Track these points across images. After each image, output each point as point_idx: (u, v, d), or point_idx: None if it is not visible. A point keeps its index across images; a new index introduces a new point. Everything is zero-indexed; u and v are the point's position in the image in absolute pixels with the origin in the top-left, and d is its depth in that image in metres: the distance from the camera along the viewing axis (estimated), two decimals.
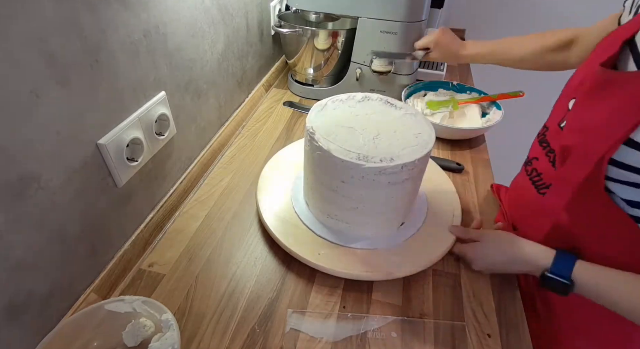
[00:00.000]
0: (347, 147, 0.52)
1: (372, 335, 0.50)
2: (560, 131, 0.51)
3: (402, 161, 0.50)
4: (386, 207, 0.56)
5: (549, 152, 0.53)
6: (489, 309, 0.54)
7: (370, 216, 0.57)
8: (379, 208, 0.56)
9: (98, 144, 0.48)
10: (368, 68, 0.92)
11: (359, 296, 0.55)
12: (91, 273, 0.52)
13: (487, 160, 0.82)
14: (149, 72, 0.56)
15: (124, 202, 0.56)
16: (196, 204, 0.69)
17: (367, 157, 0.50)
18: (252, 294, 0.55)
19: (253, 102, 0.95)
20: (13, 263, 0.40)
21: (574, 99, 0.50)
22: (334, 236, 0.59)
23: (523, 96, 0.87)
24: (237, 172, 0.76)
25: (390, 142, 0.53)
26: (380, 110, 0.60)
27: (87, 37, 0.43)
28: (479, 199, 0.72)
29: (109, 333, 0.47)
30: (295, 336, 0.50)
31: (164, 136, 0.60)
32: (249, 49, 0.89)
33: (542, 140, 0.55)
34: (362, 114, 0.59)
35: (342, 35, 0.90)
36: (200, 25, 0.67)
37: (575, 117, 0.48)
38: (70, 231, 0.47)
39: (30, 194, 0.40)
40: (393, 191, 0.53)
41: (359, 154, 0.51)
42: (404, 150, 0.52)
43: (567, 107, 0.51)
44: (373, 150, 0.52)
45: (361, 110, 0.60)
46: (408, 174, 0.52)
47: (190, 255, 0.60)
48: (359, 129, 0.55)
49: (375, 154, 0.51)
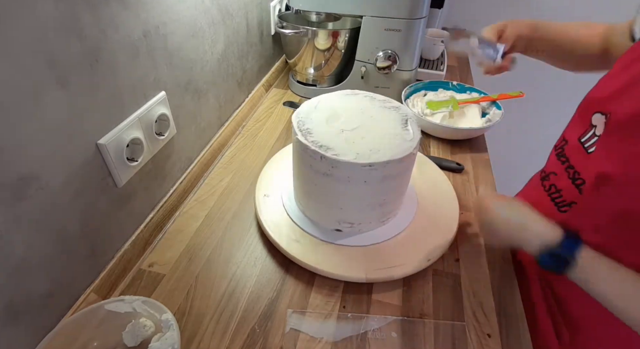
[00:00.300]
0: (326, 142, 0.53)
1: (372, 335, 0.50)
2: (585, 153, 0.49)
3: (380, 159, 0.51)
4: (370, 202, 0.57)
5: (568, 167, 0.51)
6: (489, 309, 0.54)
7: (354, 211, 0.58)
8: (359, 203, 0.56)
9: (98, 144, 0.48)
10: (372, 66, 0.93)
11: (359, 296, 0.55)
12: (91, 273, 0.52)
13: (487, 160, 0.82)
14: (149, 72, 0.56)
15: (124, 202, 0.56)
16: (196, 204, 0.69)
17: (346, 153, 0.51)
18: (252, 294, 0.55)
19: (253, 102, 0.95)
20: (13, 263, 0.40)
21: (598, 113, 0.48)
22: (328, 235, 0.60)
23: (523, 96, 0.87)
24: (237, 172, 0.76)
25: (373, 140, 0.54)
26: (379, 113, 0.60)
27: (87, 37, 0.43)
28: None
29: (109, 333, 0.47)
30: (295, 336, 0.50)
31: (164, 136, 0.60)
32: (249, 49, 0.89)
33: (561, 154, 0.54)
34: (352, 112, 0.59)
35: (344, 35, 0.90)
36: (200, 25, 0.67)
37: (612, 142, 0.45)
38: (70, 231, 0.47)
39: (30, 194, 0.40)
40: (373, 187, 0.54)
41: (339, 149, 0.52)
42: (385, 148, 0.52)
43: (589, 121, 0.49)
44: (352, 146, 0.52)
45: (354, 108, 0.60)
46: (387, 171, 0.52)
47: (190, 255, 0.60)
48: (345, 126, 0.56)
49: (356, 150, 0.52)
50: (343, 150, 0.51)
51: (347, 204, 0.57)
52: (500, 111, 0.86)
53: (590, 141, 0.49)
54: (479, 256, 0.61)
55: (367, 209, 0.58)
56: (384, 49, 0.90)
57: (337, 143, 0.53)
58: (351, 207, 0.57)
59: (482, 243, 0.63)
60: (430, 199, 0.67)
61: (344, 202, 0.56)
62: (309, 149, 0.52)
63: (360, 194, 0.55)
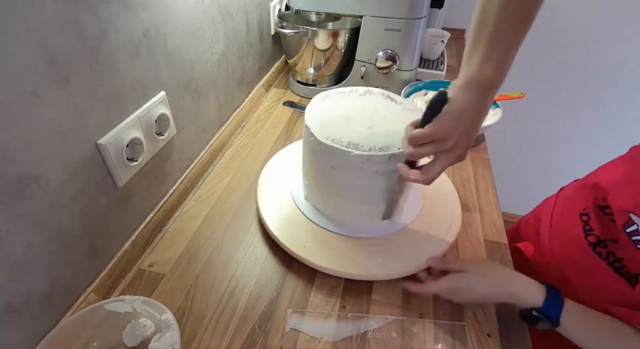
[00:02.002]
0: (338, 135, 0.53)
1: (372, 335, 0.50)
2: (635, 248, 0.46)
3: (392, 151, 0.51)
4: (377, 197, 0.57)
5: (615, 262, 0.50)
6: (489, 309, 0.54)
7: (361, 204, 0.58)
8: (368, 196, 0.57)
9: (98, 144, 0.48)
10: (372, 65, 0.93)
11: (359, 296, 0.55)
12: (91, 273, 0.52)
13: (487, 160, 0.82)
14: (149, 72, 0.56)
15: (124, 202, 0.56)
16: (196, 204, 0.69)
17: (357, 145, 0.52)
18: (252, 294, 0.55)
19: (253, 102, 0.95)
20: (13, 263, 0.40)
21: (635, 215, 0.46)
22: (334, 227, 0.60)
23: (524, 97, 0.87)
24: (237, 172, 0.76)
25: (384, 133, 0.54)
26: (380, 103, 0.60)
27: (87, 37, 0.43)
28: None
29: (109, 333, 0.47)
30: (295, 336, 0.50)
31: (164, 136, 0.60)
32: (249, 49, 0.89)
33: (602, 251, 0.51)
34: (361, 106, 0.60)
35: (344, 35, 0.90)
36: (200, 25, 0.67)
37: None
38: (70, 231, 0.47)
39: (30, 194, 0.40)
40: (382, 181, 0.54)
41: (349, 142, 0.52)
42: (396, 141, 0.53)
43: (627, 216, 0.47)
44: (365, 140, 0.53)
45: (361, 102, 0.61)
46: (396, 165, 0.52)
47: (190, 255, 0.60)
48: (355, 119, 0.57)
49: (366, 143, 0.52)
50: (359, 143, 0.52)
51: (356, 196, 0.57)
52: (499, 110, 0.86)
53: (637, 237, 0.46)
54: (479, 256, 0.61)
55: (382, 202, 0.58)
56: (384, 49, 0.90)
57: (362, 139, 0.53)
58: (359, 200, 0.58)
59: (482, 243, 0.63)
60: (432, 198, 0.67)
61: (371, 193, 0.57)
62: (325, 145, 0.52)
63: (388, 186, 0.56)
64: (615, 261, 0.50)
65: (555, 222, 0.63)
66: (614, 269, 0.50)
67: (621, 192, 0.50)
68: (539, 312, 0.46)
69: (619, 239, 0.50)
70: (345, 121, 0.56)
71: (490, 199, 0.72)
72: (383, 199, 0.57)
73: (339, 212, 0.61)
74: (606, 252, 0.52)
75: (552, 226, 0.63)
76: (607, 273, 0.51)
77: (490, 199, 0.72)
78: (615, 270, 0.50)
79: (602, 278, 0.51)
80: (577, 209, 0.57)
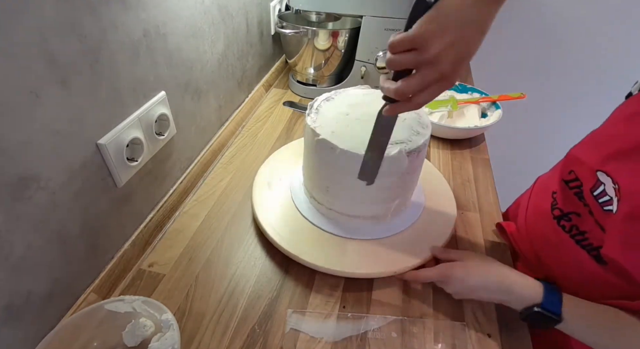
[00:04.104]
0: (341, 135, 0.53)
1: (372, 335, 0.50)
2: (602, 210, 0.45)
3: (389, 153, 0.51)
4: (379, 196, 0.57)
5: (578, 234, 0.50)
6: (489, 309, 0.54)
7: (364, 205, 0.58)
8: (370, 197, 0.57)
9: (98, 144, 0.48)
10: (372, 65, 0.93)
11: (359, 295, 0.55)
12: (91, 273, 0.52)
13: (487, 160, 0.82)
14: (149, 72, 0.56)
15: (124, 202, 0.56)
16: (196, 204, 0.69)
17: (361, 146, 0.52)
18: (252, 294, 0.55)
19: (253, 102, 0.95)
20: (13, 263, 0.40)
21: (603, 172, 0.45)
22: (333, 227, 0.60)
23: (524, 97, 0.87)
24: (237, 172, 0.76)
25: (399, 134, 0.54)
26: (382, 102, 0.61)
27: (87, 37, 0.43)
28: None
29: (109, 333, 0.47)
30: (295, 336, 0.50)
31: (164, 136, 0.60)
32: (249, 49, 0.89)
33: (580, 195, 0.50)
34: (364, 105, 0.60)
35: (344, 35, 0.90)
36: (200, 25, 0.67)
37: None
38: (70, 231, 0.47)
39: (30, 194, 0.40)
40: (385, 181, 0.54)
41: (354, 142, 0.52)
42: (397, 143, 0.53)
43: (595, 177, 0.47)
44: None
45: (364, 101, 0.61)
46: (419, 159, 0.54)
47: (190, 255, 0.60)
48: (359, 118, 0.57)
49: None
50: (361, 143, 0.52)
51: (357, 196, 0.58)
52: (499, 110, 0.86)
53: (604, 198, 0.46)
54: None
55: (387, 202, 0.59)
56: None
57: (365, 139, 0.52)
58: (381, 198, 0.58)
59: (482, 243, 0.63)
60: (431, 200, 0.67)
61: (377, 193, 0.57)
62: (329, 144, 0.53)
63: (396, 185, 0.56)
64: (577, 234, 0.51)
65: (531, 202, 0.63)
66: (576, 241, 0.51)
67: (588, 154, 0.50)
68: (539, 307, 0.46)
69: (582, 212, 0.50)
70: (349, 121, 0.56)
71: (490, 199, 0.72)
72: (384, 199, 0.57)
73: (340, 213, 0.60)
74: (569, 226, 0.52)
75: (528, 206, 0.64)
76: (570, 245, 0.51)
77: (490, 199, 0.72)
78: (577, 242, 0.50)
79: (566, 251, 0.52)
80: (551, 188, 0.58)
